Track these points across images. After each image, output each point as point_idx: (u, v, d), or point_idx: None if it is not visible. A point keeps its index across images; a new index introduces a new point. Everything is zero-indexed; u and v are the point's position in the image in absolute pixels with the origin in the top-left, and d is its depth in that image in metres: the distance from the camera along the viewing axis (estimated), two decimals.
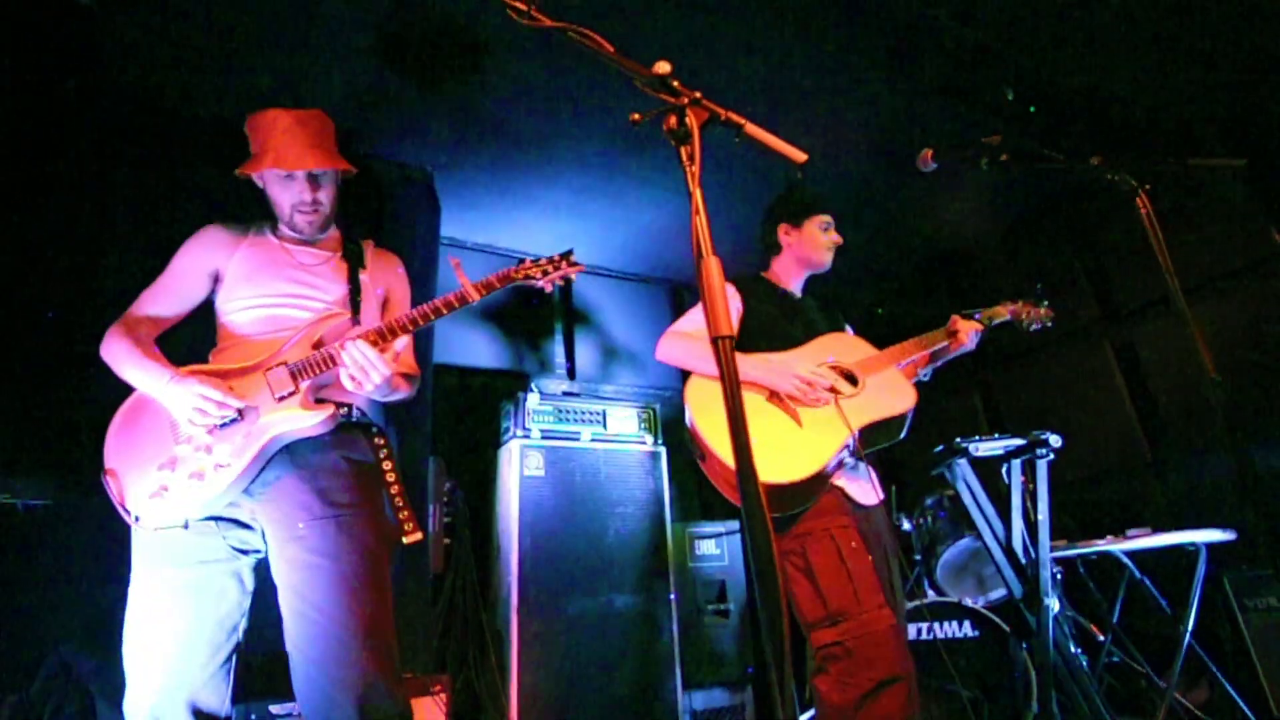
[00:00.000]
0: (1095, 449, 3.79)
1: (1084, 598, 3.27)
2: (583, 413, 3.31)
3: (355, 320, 1.73)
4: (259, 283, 1.71)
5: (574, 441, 3.22)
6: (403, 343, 1.61)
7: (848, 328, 2.40)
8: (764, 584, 0.75)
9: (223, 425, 1.53)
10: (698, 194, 0.91)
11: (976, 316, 2.31)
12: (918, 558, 3.32)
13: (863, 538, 1.83)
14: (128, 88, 2.81)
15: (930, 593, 3.16)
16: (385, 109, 3.08)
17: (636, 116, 0.99)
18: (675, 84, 0.97)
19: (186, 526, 1.49)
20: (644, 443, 3.39)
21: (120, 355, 1.62)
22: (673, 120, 0.95)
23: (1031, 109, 2.86)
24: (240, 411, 1.54)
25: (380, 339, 1.59)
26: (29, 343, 2.14)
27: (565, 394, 3.48)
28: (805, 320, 2.18)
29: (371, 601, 1.49)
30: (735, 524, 3.56)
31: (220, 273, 1.74)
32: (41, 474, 1.99)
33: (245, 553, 1.57)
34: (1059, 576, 3.22)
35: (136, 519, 1.47)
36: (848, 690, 1.67)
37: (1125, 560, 2.85)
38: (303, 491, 1.54)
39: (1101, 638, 3.07)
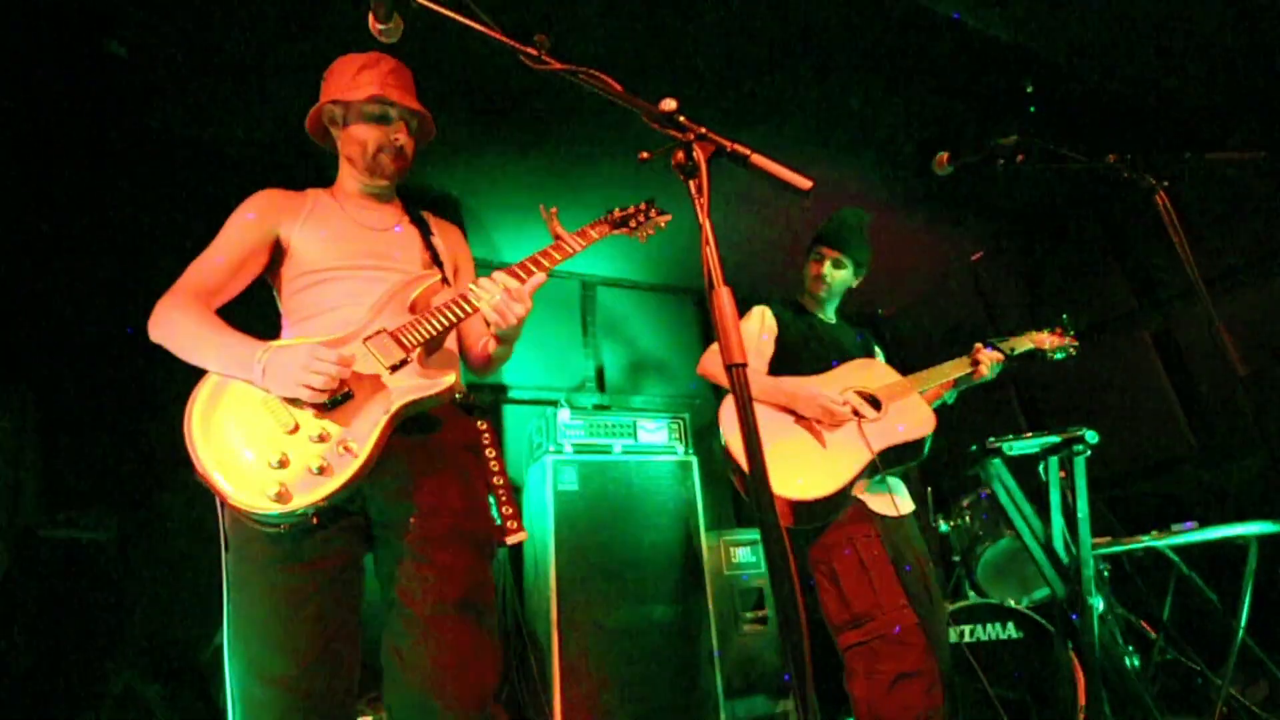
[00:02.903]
0: (1138, 441, 3.70)
1: (1134, 595, 3.19)
2: (613, 425, 3.35)
3: (445, 282, 1.61)
4: (333, 250, 1.54)
5: (606, 454, 3.26)
6: (537, 279, 1.49)
7: (878, 350, 2.50)
8: (781, 594, 0.78)
9: (332, 405, 1.33)
10: (707, 225, 0.95)
11: (997, 346, 2.36)
12: (957, 559, 3.28)
13: (886, 547, 1.94)
14: (162, 128, 2.95)
15: (972, 594, 3.12)
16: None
17: (645, 155, 1.03)
18: (682, 119, 1.01)
19: (316, 523, 1.31)
20: (675, 452, 3.42)
21: (186, 330, 1.39)
22: (680, 155, 0.98)
23: (1031, 109, 2.84)
24: (348, 390, 1.34)
25: (515, 276, 1.47)
26: (86, 383, 2.26)
27: (595, 407, 3.54)
28: (835, 344, 2.31)
29: (488, 607, 1.39)
30: None
31: (284, 240, 1.55)
32: (103, 509, 2.08)
33: (359, 544, 1.41)
34: (1105, 574, 3.16)
35: (262, 521, 1.28)
36: (873, 684, 1.80)
37: (1172, 555, 2.78)
38: (415, 477, 1.40)
39: (1153, 635, 3.00)
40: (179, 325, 1.40)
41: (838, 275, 2.36)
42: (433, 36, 1.48)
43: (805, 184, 0.97)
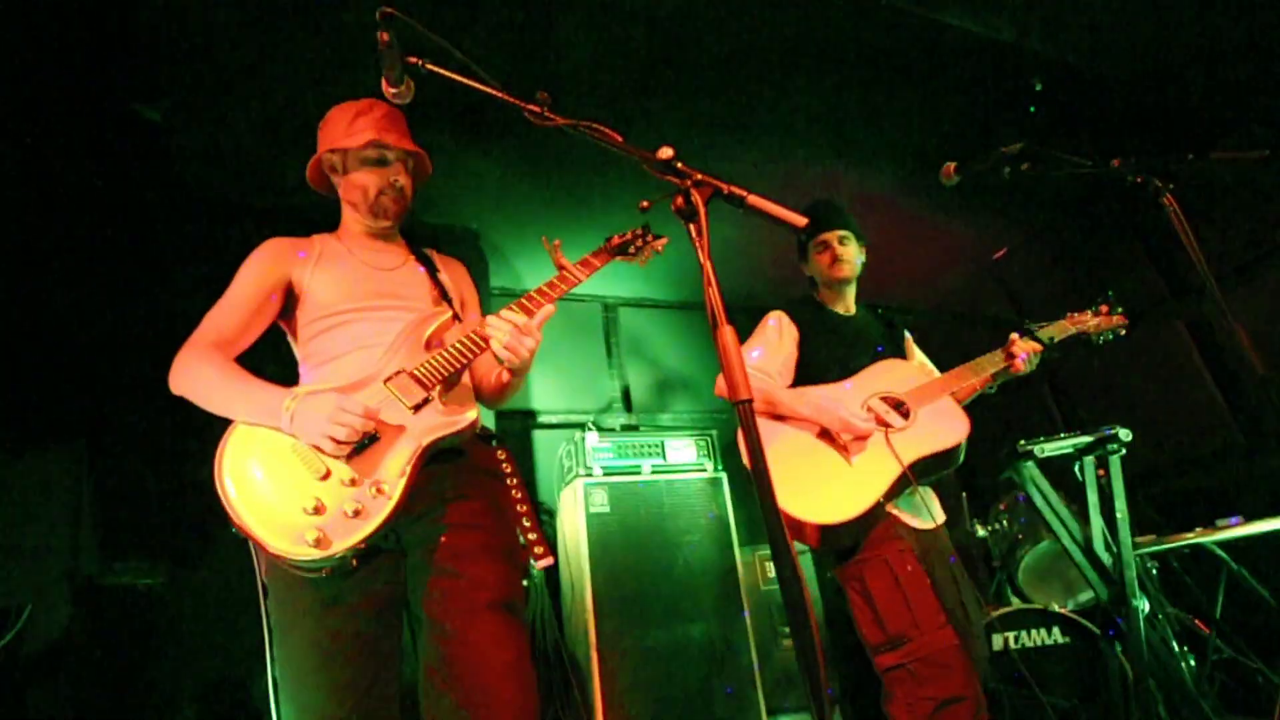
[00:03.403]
0: (1180, 434, 3.61)
1: (1186, 593, 3.11)
2: (641, 446, 3.38)
3: (456, 318, 1.65)
4: (344, 292, 1.57)
5: (635, 475, 3.29)
6: (546, 311, 1.52)
7: (907, 334, 2.40)
8: (796, 622, 0.81)
9: (360, 449, 1.36)
10: (708, 266, 0.98)
11: (1035, 335, 2.20)
12: (997, 564, 3.23)
13: (920, 561, 1.85)
14: (193, 186, 3.10)
15: (1014, 600, 3.06)
16: (435, 180, 3.29)
17: (646, 204, 1.07)
18: (680, 165, 1.05)
19: (355, 565, 1.34)
20: (704, 470, 3.43)
21: (209, 381, 1.42)
22: (680, 200, 1.03)
23: (1031, 109, 2.83)
24: (374, 433, 1.37)
25: (522, 310, 1.51)
26: (137, 435, 2.37)
27: (624, 427, 3.58)
28: (860, 340, 2.21)
29: (519, 635, 1.40)
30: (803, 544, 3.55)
31: (296, 286, 1.59)
32: (152, 556, 2.18)
33: (398, 582, 1.43)
34: (1155, 572, 3.09)
35: (303, 567, 1.30)
36: (915, 711, 1.71)
37: (1219, 552, 2.71)
38: (444, 502, 1.43)
39: (1207, 634, 2.92)
40: (202, 376, 1.43)
41: (850, 251, 2.25)
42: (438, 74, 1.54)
43: (801, 221, 1.00)
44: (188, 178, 3.07)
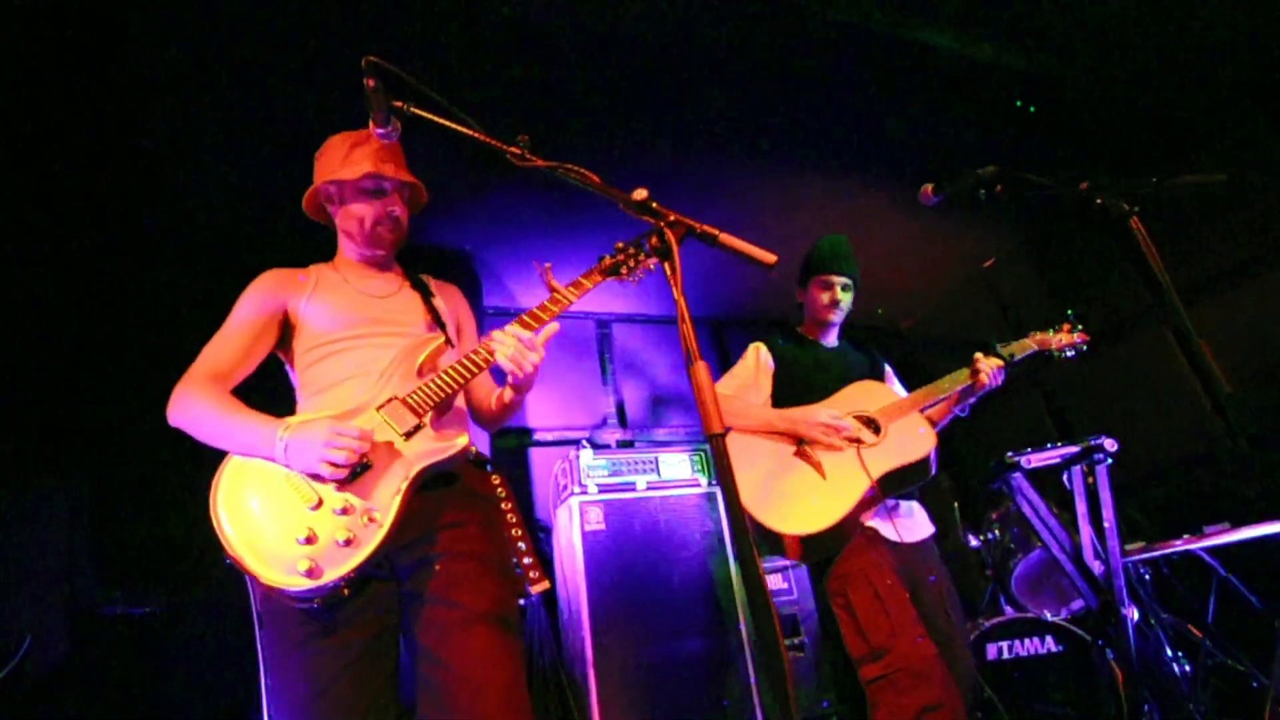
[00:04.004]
0: (1169, 441, 3.64)
1: (1179, 599, 3.13)
2: (635, 462, 3.41)
3: (449, 343, 1.66)
4: (340, 321, 1.60)
5: (630, 492, 3.32)
6: (550, 328, 1.55)
7: (887, 368, 2.50)
8: (764, 639, 0.84)
9: (352, 478, 1.37)
10: (682, 302, 1.02)
11: (998, 353, 2.31)
12: (990, 574, 3.26)
13: (899, 574, 1.94)
14: (193, 216, 3.15)
15: (1008, 610, 3.09)
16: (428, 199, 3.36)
17: (621, 245, 1.11)
18: (654, 205, 1.09)
19: (347, 594, 1.35)
20: (698, 484, 3.46)
21: (205, 414, 1.44)
22: (654, 240, 1.07)
23: (1031, 109, 2.89)
24: (367, 460, 1.38)
25: (526, 326, 1.52)
26: (133, 469, 2.41)
27: (619, 444, 3.61)
28: (837, 370, 2.32)
29: (514, 658, 1.40)
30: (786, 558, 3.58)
31: (292, 316, 1.62)
32: (150, 584, 2.22)
33: (391, 611, 1.43)
34: (1148, 578, 3.12)
35: (295, 597, 1.31)
36: (897, 719, 1.77)
37: (1207, 559, 2.74)
38: (437, 529, 1.44)
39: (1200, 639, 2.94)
40: (198, 409, 1.45)
41: (848, 299, 2.39)
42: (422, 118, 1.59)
43: (770, 259, 1.04)
44: (188, 207, 3.11)
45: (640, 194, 1.10)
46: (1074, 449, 2.58)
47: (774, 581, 3.49)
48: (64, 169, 2.71)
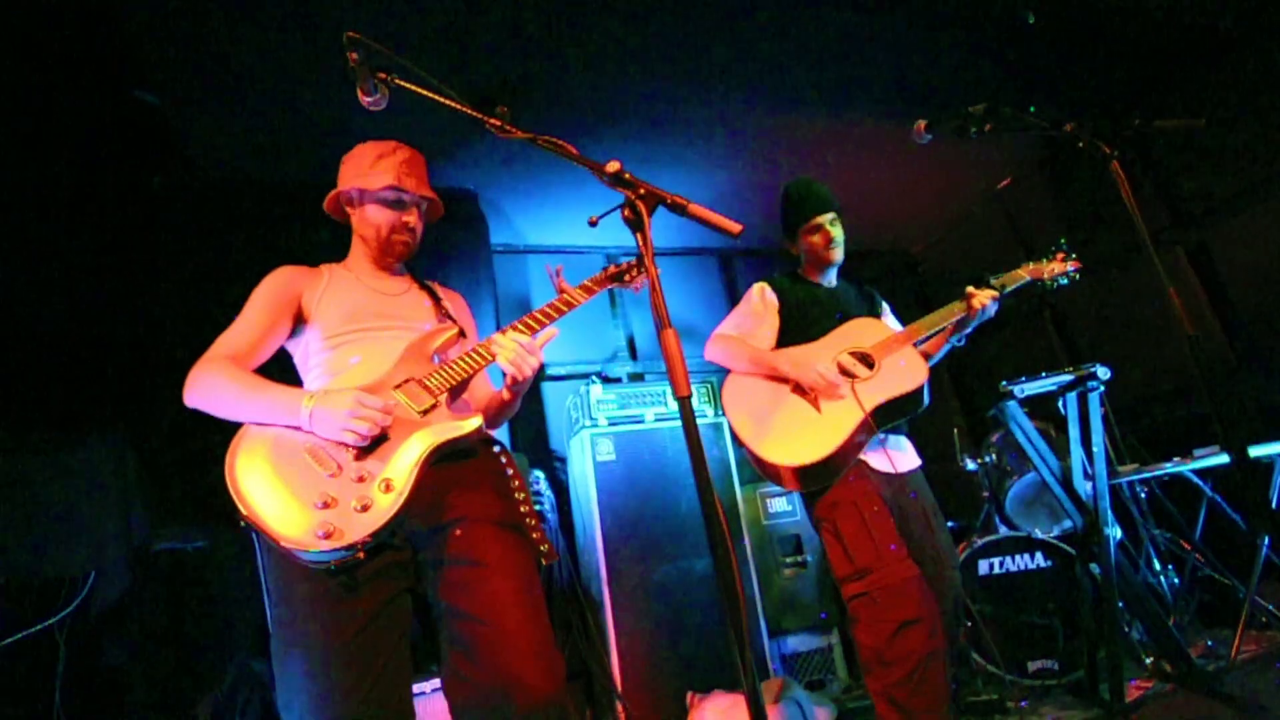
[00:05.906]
0: (1179, 364, 3.66)
1: (1173, 516, 3.24)
2: (644, 395, 3.53)
3: (462, 335, 1.74)
4: (350, 314, 1.66)
5: (639, 424, 3.45)
6: (548, 333, 1.64)
7: (885, 306, 2.54)
8: (723, 582, 0.95)
9: (370, 448, 1.42)
10: (653, 270, 1.09)
11: (990, 284, 2.32)
12: (986, 495, 3.39)
13: (886, 502, 2.04)
14: (202, 169, 3.20)
15: (1002, 528, 3.23)
16: (430, 140, 3.36)
17: (594, 219, 1.17)
18: (627, 176, 1.14)
19: (362, 558, 1.37)
20: (705, 415, 3.59)
21: (228, 388, 1.48)
22: (627, 211, 1.12)
23: (1030, 19, 2.78)
24: (384, 433, 1.43)
25: (526, 329, 1.61)
26: (172, 414, 2.59)
27: (630, 376, 3.73)
28: (837, 308, 2.36)
29: (541, 609, 1.46)
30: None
31: (305, 310, 1.68)
32: (195, 521, 2.43)
33: (403, 578, 1.47)
34: (1144, 496, 3.22)
35: (312, 560, 1.33)
36: (876, 632, 1.92)
37: (1195, 479, 2.83)
38: (451, 499, 1.49)
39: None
40: (220, 385, 1.49)
41: (840, 231, 2.38)
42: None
43: (735, 228, 1.10)
44: (197, 157, 3.16)
45: (613, 166, 1.15)
46: (1068, 377, 2.63)
47: (779, 504, 3.66)
48: (61, 127, 2.76)
